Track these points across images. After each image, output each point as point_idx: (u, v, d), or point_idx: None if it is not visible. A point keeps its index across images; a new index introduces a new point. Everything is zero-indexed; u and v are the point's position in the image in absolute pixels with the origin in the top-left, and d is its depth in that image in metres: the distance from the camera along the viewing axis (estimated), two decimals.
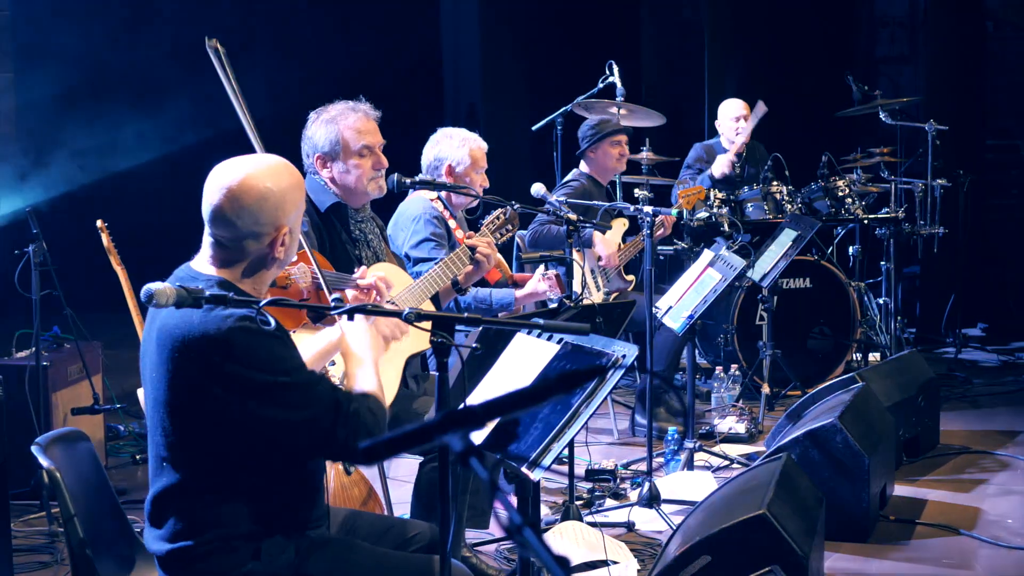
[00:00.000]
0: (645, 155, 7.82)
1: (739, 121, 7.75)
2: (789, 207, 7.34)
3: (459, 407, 1.58)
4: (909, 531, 4.92)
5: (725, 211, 7.18)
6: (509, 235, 4.90)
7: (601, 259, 6.45)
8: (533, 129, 7.41)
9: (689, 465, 5.60)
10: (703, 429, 6.28)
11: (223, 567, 2.77)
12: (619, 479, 5.48)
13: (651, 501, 5.05)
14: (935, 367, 6.90)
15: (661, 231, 6.56)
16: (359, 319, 2.97)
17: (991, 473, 5.72)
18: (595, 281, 6.39)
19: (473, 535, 4.67)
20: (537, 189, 5.30)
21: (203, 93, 10.54)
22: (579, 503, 5.04)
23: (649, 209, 5.36)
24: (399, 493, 4.92)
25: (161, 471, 2.79)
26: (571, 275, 4.90)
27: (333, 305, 2.89)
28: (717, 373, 6.76)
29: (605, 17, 10.11)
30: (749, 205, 7.42)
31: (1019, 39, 9.51)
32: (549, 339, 3.20)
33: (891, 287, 7.65)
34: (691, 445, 5.63)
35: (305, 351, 3.23)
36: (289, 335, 2.81)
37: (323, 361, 3.24)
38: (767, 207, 7.39)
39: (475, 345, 3.21)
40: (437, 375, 2.79)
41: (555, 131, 7.23)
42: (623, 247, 6.63)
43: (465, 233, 5.03)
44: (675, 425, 5.93)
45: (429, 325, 2.80)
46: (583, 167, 6.74)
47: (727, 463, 5.80)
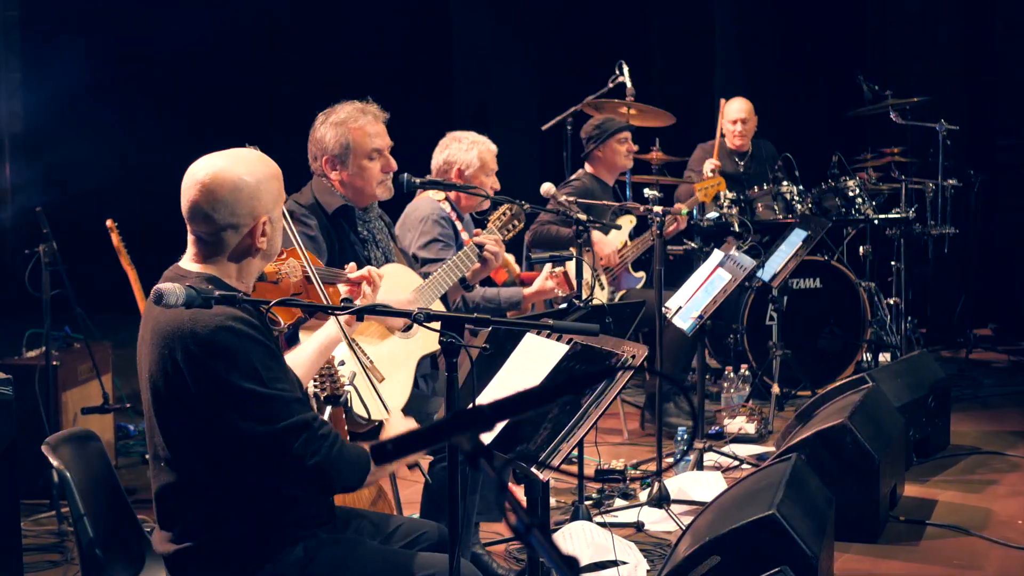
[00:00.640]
0: (655, 154, 7.81)
1: (736, 124, 7.75)
2: (799, 207, 7.33)
3: (468, 407, 1.58)
4: (919, 532, 4.91)
5: (735, 211, 7.17)
6: (516, 231, 4.89)
7: (601, 259, 6.44)
8: (543, 129, 7.40)
9: (699, 465, 5.59)
10: (713, 429, 6.28)
11: (230, 567, 2.77)
12: (628, 479, 5.47)
13: (660, 501, 5.05)
14: (945, 367, 6.89)
15: (675, 226, 6.53)
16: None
17: (1001, 474, 5.70)
18: (598, 281, 6.38)
19: (485, 534, 4.67)
20: (547, 189, 5.29)
21: (212, 92, 10.63)
22: (588, 503, 5.04)
23: (659, 209, 5.36)
24: (409, 493, 4.93)
25: (160, 470, 2.80)
26: (580, 274, 4.89)
27: (342, 305, 2.89)
28: (727, 373, 6.75)
29: (614, 16, 10.11)
30: (759, 205, 7.42)
31: None
32: (559, 339, 3.20)
33: (901, 287, 7.64)
34: (701, 445, 5.63)
35: (305, 347, 3.24)
36: (278, 345, 2.81)
37: (325, 356, 3.25)
38: (777, 207, 7.39)
39: (484, 345, 3.21)
40: (447, 375, 2.79)
41: (565, 131, 7.23)
42: (629, 244, 6.63)
43: (470, 238, 5.03)
44: (685, 425, 5.93)
45: (439, 326, 2.80)
46: (588, 168, 6.75)
47: (737, 464, 5.79)
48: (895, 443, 5.08)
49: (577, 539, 4.47)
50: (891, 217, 7.56)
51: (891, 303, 7.66)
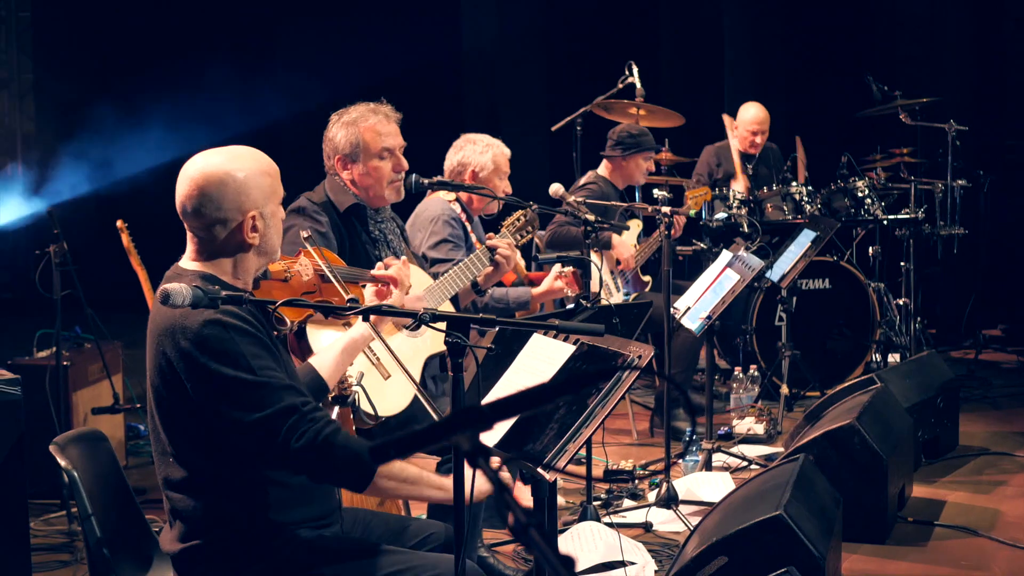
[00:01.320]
0: (664, 155, 7.81)
1: (756, 135, 7.74)
2: (808, 208, 7.33)
3: (469, 407, 1.58)
4: (927, 533, 4.90)
5: (744, 212, 7.17)
6: (529, 236, 4.90)
7: (619, 263, 6.43)
8: (552, 129, 7.41)
9: (707, 466, 5.59)
10: (721, 430, 6.28)
11: (235, 566, 2.78)
12: (637, 480, 5.48)
13: (669, 502, 5.05)
14: (954, 368, 6.87)
15: (672, 231, 6.53)
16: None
17: (1010, 475, 5.69)
18: (615, 282, 6.38)
19: (490, 535, 4.68)
20: (555, 190, 5.30)
21: (223, 93, 10.66)
22: (597, 503, 5.05)
23: (667, 209, 5.37)
24: None
25: (169, 465, 2.81)
26: (588, 275, 4.90)
27: (348, 306, 2.90)
28: (736, 374, 6.75)
29: (624, 17, 10.11)
30: (769, 206, 7.42)
31: None
32: (566, 339, 3.20)
33: (911, 288, 7.63)
34: (709, 446, 5.63)
35: (331, 347, 3.25)
36: (274, 339, 2.82)
37: (352, 357, 3.27)
38: (786, 208, 7.39)
39: (491, 346, 3.21)
40: (452, 375, 2.79)
41: (574, 131, 7.23)
42: (638, 247, 6.63)
43: (479, 239, 5.03)
44: (693, 426, 5.93)
45: (444, 326, 2.80)
46: (603, 170, 6.67)
47: (745, 464, 5.79)
48: (904, 444, 5.08)
49: (585, 539, 4.48)
50: (900, 218, 7.55)
51: (900, 304, 7.66)
